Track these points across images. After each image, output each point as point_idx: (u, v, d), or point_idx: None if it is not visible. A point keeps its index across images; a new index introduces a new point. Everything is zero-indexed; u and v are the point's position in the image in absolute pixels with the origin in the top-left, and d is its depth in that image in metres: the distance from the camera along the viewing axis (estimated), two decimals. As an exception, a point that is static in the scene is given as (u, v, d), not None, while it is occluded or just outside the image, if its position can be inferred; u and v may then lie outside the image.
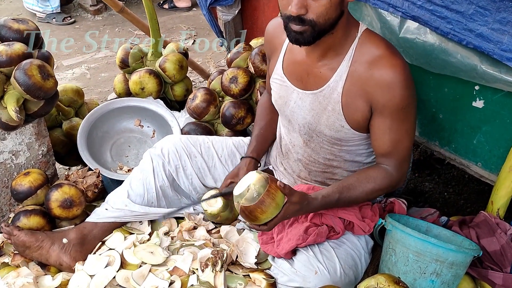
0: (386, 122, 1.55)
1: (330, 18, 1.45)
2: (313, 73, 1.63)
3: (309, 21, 1.44)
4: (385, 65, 1.51)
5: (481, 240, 1.74)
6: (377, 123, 1.58)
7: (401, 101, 1.51)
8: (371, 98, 1.54)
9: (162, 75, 2.59)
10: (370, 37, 1.57)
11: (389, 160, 1.60)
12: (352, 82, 1.56)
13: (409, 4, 1.81)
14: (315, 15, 1.43)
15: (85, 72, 4.17)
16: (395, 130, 1.56)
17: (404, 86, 1.50)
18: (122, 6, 2.89)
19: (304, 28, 1.46)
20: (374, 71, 1.52)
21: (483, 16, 1.60)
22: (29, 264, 1.88)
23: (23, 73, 1.88)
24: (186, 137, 2.05)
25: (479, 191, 2.59)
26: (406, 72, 1.51)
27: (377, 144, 1.61)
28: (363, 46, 1.56)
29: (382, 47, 1.54)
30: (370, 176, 1.59)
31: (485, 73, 1.67)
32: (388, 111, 1.53)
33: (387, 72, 1.50)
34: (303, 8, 1.42)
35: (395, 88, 1.50)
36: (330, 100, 1.60)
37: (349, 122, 1.61)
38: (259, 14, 2.81)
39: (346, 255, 1.66)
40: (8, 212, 2.09)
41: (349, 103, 1.58)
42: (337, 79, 1.58)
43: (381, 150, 1.61)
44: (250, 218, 1.48)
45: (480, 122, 1.85)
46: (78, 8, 5.48)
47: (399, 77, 1.49)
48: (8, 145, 2.01)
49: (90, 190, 2.09)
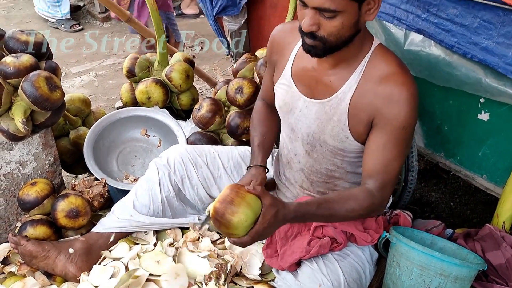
0: (384, 138, 1.53)
1: (342, 37, 1.45)
2: (322, 82, 1.63)
3: (320, 37, 1.45)
4: (395, 82, 1.50)
5: (486, 254, 1.73)
6: (374, 137, 1.56)
7: (405, 119, 1.50)
8: (376, 112, 1.54)
9: (169, 84, 2.61)
10: (383, 53, 1.57)
11: (375, 181, 1.54)
12: (360, 94, 1.56)
13: (414, 17, 1.82)
14: (326, 33, 1.43)
15: (93, 79, 4.20)
16: (390, 148, 1.53)
17: (410, 105, 1.49)
18: (129, 16, 2.92)
19: (315, 43, 1.47)
20: (383, 86, 1.52)
21: (488, 30, 1.60)
22: (35, 274, 1.89)
23: (31, 85, 1.90)
24: (192, 147, 2.06)
25: (486, 202, 2.58)
26: (415, 92, 1.50)
27: (368, 159, 1.57)
28: (375, 61, 1.55)
29: (394, 64, 1.54)
30: (352, 194, 1.53)
31: (489, 87, 1.67)
32: (390, 127, 1.52)
33: (397, 89, 1.49)
34: (315, 25, 1.42)
35: (402, 105, 1.49)
36: (337, 111, 1.60)
37: (353, 134, 1.61)
38: (264, 23, 2.83)
39: (351, 267, 1.65)
40: (15, 222, 2.11)
41: (355, 115, 1.58)
42: (346, 90, 1.58)
43: (370, 167, 1.56)
44: (224, 224, 1.39)
45: (485, 135, 1.85)
46: (87, 15, 5.54)
47: (408, 95, 1.49)
48: (16, 155, 2.04)
49: (96, 199, 2.11)
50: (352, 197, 1.51)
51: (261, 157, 1.86)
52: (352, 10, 1.40)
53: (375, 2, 1.42)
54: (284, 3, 2.58)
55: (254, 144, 1.91)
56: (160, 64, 2.69)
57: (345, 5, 1.37)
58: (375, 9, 1.44)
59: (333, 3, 1.36)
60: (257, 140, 1.91)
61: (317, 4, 1.37)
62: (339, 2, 1.36)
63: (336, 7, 1.37)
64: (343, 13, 1.39)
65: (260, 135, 1.91)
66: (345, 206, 1.50)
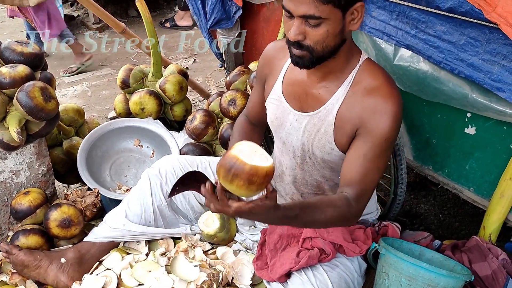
0: (365, 148, 1.55)
1: (328, 46, 1.49)
2: (311, 94, 1.66)
3: (307, 47, 1.48)
4: (381, 94, 1.54)
5: (473, 265, 1.76)
6: (355, 147, 1.57)
7: (387, 131, 1.53)
8: (360, 123, 1.56)
9: (162, 95, 2.64)
10: (370, 67, 1.61)
11: (353, 189, 1.54)
12: (346, 106, 1.59)
13: (403, 33, 1.87)
14: (312, 42, 1.47)
15: (86, 89, 4.22)
16: (370, 158, 1.54)
17: (394, 118, 1.53)
18: (124, 27, 2.95)
19: (302, 53, 1.50)
20: (369, 97, 1.55)
21: (474, 47, 1.64)
22: (26, 283, 1.90)
23: (26, 95, 1.92)
24: (183, 157, 2.08)
25: (473, 214, 2.61)
26: (399, 105, 1.54)
27: (348, 167, 1.57)
28: (363, 74, 1.59)
29: (380, 77, 1.57)
30: (332, 200, 1.51)
31: (476, 102, 1.71)
32: (371, 138, 1.54)
33: (382, 100, 1.53)
34: (301, 34, 1.46)
35: (386, 117, 1.52)
36: (324, 122, 1.63)
37: (338, 145, 1.64)
38: (258, 37, 2.87)
39: (339, 278, 1.68)
40: (7, 231, 2.11)
41: (340, 127, 1.61)
42: (334, 102, 1.61)
43: (349, 176, 1.56)
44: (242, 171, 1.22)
45: (472, 148, 1.89)
46: (81, 26, 5.56)
47: (393, 108, 1.52)
48: (9, 165, 2.05)
49: (89, 209, 2.12)
50: (331, 203, 1.50)
51: None
52: (336, 19, 1.44)
53: (358, 12, 1.46)
54: (277, 18, 2.63)
55: None
56: (154, 75, 2.72)
57: (329, 12, 1.41)
58: (359, 19, 1.48)
59: (318, 10, 1.40)
60: None
61: (302, 12, 1.42)
62: (323, 9, 1.40)
63: (321, 14, 1.41)
64: (327, 21, 1.43)
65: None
66: (325, 212, 1.47)
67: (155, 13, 5.87)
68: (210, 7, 2.75)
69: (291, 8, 1.44)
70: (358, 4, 1.44)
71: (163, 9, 6.07)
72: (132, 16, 5.79)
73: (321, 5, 1.39)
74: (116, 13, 5.57)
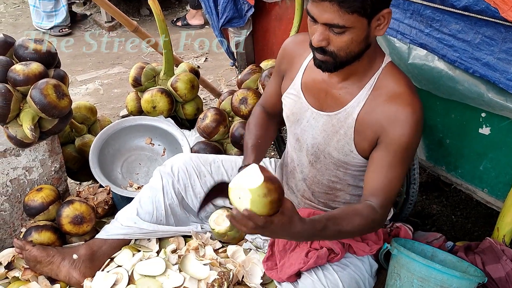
0: (388, 158, 1.55)
1: (352, 52, 1.47)
2: (331, 94, 1.64)
3: (330, 52, 1.46)
4: (403, 102, 1.52)
5: (486, 267, 1.74)
6: (378, 156, 1.58)
7: (408, 140, 1.52)
8: (381, 130, 1.55)
9: (174, 94, 2.64)
10: (393, 71, 1.59)
11: (377, 198, 1.55)
12: (367, 111, 1.58)
13: (417, 31, 1.85)
14: (336, 48, 1.45)
15: (98, 87, 4.24)
16: (393, 168, 1.54)
17: (416, 126, 1.51)
18: (136, 26, 2.96)
19: (325, 58, 1.48)
20: (391, 104, 1.53)
21: (490, 46, 1.62)
22: (38, 279, 1.91)
23: (39, 92, 1.94)
24: (196, 155, 2.08)
25: (487, 215, 2.58)
26: (421, 114, 1.52)
27: (372, 177, 1.57)
28: (386, 78, 1.57)
29: (403, 84, 1.56)
30: (357, 210, 1.52)
31: (491, 101, 1.69)
32: (393, 147, 1.53)
33: (404, 109, 1.51)
34: (325, 41, 1.44)
35: (407, 126, 1.51)
36: (344, 124, 1.62)
37: (358, 149, 1.63)
38: (270, 36, 2.86)
39: (350, 278, 1.67)
40: (20, 227, 2.13)
41: (361, 131, 1.60)
42: (355, 105, 1.59)
43: (373, 185, 1.56)
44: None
45: (487, 149, 1.86)
46: (93, 24, 5.59)
47: (414, 117, 1.50)
48: (22, 161, 2.06)
49: (101, 206, 2.13)
50: (358, 213, 1.51)
51: (254, 157, 1.80)
52: (362, 26, 1.41)
53: (385, 18, 1.43)
54: (289, 16, 2.62)
55: (248, 146, 1.85)
56: (165, 73, 2.72)
57: (354, 21, 1.39)
58: (385, 25, 1.45)
59: (342, 20, 1.37)
60: (251, 142, 1.85)
61: (326, 20, 1.39)
62: (348, 18, 1.37)
63: (345, 23, 1.38)
64: (352, 29, 1.40)
65: (255, 138, 1.87)
66: (351, 222, 1.49)
67: (166, 12, 5.89)
68: (222, 5, 2.75)
69: (315, 14, 1.42)
70: (385, 11, 1.42)
71: (174, 8, 6.09)
72: (144, 15, 5.81)
73: (346, 15, 1.37)
74: (128, 12, 5.59)
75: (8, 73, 1.99)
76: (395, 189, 1.57)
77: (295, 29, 2.47)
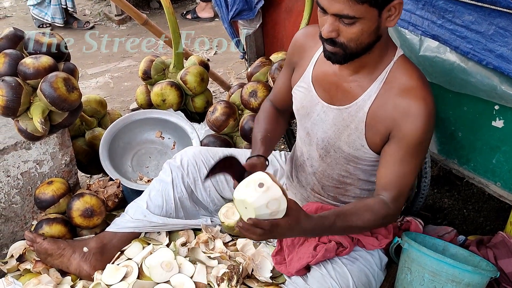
0: (400, 152, 1.53)
1: (362, 43, 1.45)
2: (342, 88, 1.63)
3: (340, 44, 1.45)
4: (415, 96, 1.50)
5: (498, 261, 1.73)
6: (390, 150, 1.56)
7: (421, 134, 1.50)
8: (393, 125, 1.53)
9: (183, 87, 2.64)
10: (405, 64, 1.56)
11: (390, 192, 1.54)
12: (379, 104, 1.56)
13: (429, 23, 1.82)
14: (346, 39, 1.43)
15: (108, 81, 4.25)
16: (406, 162, 1.53)
17: (427, 121, 1.49)
18: (146, 19, 2.95)
19: (335, 49, 1.47)
20: (403, 98, 1.51)
21: (503, 37, 1.59)
22: (49, 271, 1.92)
23: (49, 86, 1.94)
24: (205, 149, 2.07)
25: (499, 209, 2.56)
26: (433, 107, 1.50)
27: (384, 172, 1.57)
28: (397, 72, 1.55)
29: (415, 77, 1.53)
30: (368, 205, 1.53)
31: (505, 93, 1.66)
32: (406, 142, 1.52)
33: (416, 103, 1.49)
34: (334, 32, 1.43)
35: (419, 120, 1.49)
36: (355, 118, 1.60)
37: (369, 143, 1.61)
38: (280, 28, 2.84)
39: (359, 272, 1.66)
40: (31, 220, 2.15)
41: (372, 125, 1.58)
42: (366, 99, 1.58)
43: (386, 180, 1.56)
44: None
45: (500, 142, 1.84)
46: (104, 18, 5.61)
47: (426, 111, 1.49)
48: (33, 155, 2.07)
49: (111, 199, 2.13)
50: (369, 208, 1.52)
51: (264, 149, 1.79)
52: (372, 17, 1.39)
53: (396, 9, 1.41)
54: (299, 8, 2.60)
55: (257, 139, 1.84)
56: (175, 67, 2.72)
57: (365, 12, 1.37)
58: (396, 16, 1.43)
59: (352, 10, 1.36)
60: (260, 136, 1.85)
61: (336, 10, 1.38)
62: (358, 9, 1.36)
63: (355, 14, 1.36)
64: (362, 20, 1.39)
65: (264, 131, 1.86)
66: (362, 218, 1.50)
67: (176, 4, 5.88)
68: (232, -2, 2.74)
69: (325, 5, 1.40)
70: (396, 1, 1.40)
71: (184, 1, 6.08)
72: (153, 8, 5.81)
73: (356, 5, 1.35)
74: (138, 5, 5.60)
75: (18, 67, 2.00)
76: (408, 184, 1.55)
77: (305, 21, 2.45)
